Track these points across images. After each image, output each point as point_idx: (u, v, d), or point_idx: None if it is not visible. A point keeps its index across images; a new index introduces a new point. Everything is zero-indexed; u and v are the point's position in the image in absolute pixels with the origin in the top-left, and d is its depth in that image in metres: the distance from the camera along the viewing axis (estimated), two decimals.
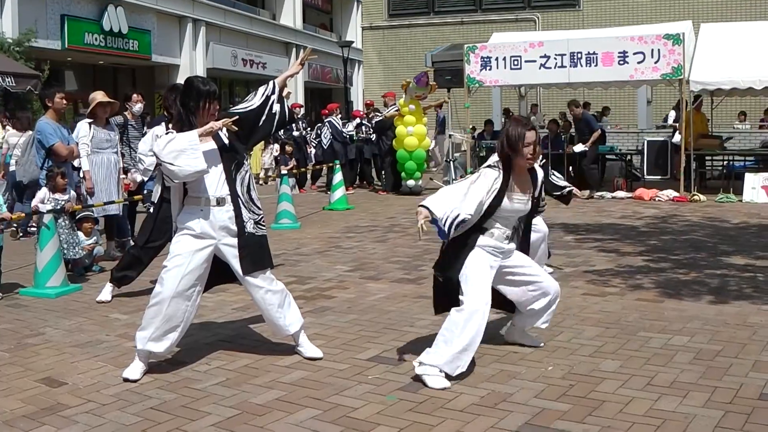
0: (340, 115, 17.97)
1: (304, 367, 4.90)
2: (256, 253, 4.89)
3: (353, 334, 5.64)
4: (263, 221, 5.00)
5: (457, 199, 4.63)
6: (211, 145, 4.79)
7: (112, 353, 5.26)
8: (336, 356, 5.10)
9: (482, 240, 4.78)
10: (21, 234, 10.64)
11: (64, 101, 8.55)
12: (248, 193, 4.89)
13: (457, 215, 4.56)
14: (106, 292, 6.92)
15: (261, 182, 17.43)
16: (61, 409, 4.25)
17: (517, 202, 4.83)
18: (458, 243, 4.80)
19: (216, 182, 4.79)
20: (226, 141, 4.86)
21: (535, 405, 4.16)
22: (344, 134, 17.24)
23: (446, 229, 4.57)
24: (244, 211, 4.83)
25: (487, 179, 4.73)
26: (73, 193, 8.27)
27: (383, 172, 16.91)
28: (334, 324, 5.92)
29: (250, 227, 4.85)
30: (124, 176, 8.97)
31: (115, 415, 4.16)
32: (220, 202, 4.78)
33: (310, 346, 5.11)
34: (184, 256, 4.77)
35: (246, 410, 4.19)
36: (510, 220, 4.88)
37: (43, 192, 8.01)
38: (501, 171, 4.76)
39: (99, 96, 8.56)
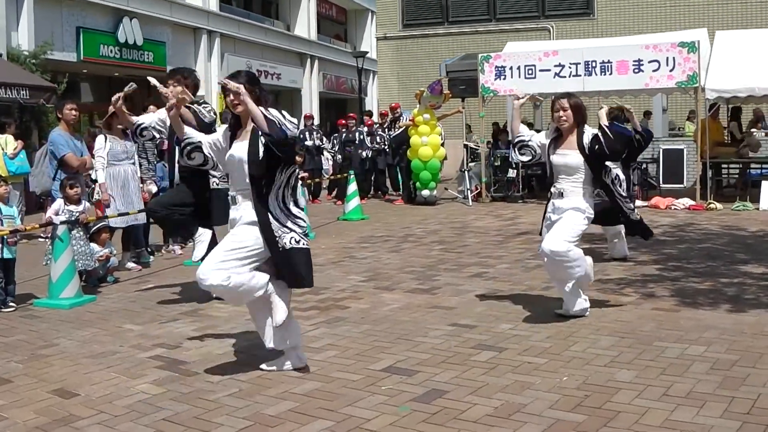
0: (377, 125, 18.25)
1: (317, 377, 4.88)
2: None
3: (367, 344, 5.62)
4: None
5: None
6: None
7: (125, 364, 5.26)
8: (349, 367, 5.08)
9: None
10: None
11: (74, 112, 8.64)
12: None
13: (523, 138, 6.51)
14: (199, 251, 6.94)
15: None
16: (73, 420, 4.25)
17: (560, 154, 6.20)
18: None
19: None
20: None
21: (549, 416, 4.12)
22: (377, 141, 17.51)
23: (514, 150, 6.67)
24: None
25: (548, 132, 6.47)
26: (87, 204, 8.30)
27: (401, 183, 16.92)
28: (347, 334, 5.90)
29: None
30: (141, 186, 9.02)
31: (127, 426, 4.15)
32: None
33: None
34: None
35: (259, 421, 4.17)
36: (558, 172, 6.22)
37: (57, 203, 8.03)
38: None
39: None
